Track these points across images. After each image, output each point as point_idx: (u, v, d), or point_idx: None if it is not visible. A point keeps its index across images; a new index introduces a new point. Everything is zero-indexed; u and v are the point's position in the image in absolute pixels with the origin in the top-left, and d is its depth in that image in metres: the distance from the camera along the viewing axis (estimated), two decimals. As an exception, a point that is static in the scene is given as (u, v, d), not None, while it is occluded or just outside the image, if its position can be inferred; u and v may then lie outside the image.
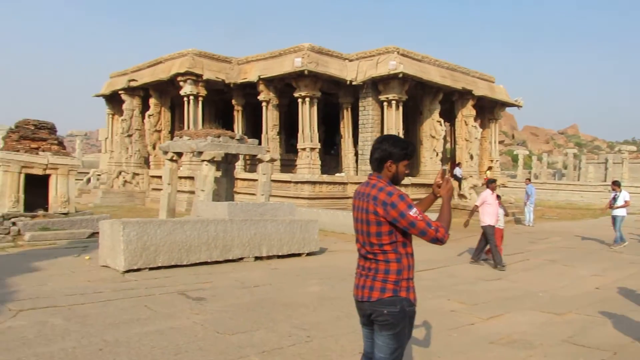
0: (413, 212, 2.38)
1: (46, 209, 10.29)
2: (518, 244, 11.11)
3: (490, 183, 8.82)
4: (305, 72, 16.95)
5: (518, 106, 22.57)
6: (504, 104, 22.02)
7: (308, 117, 18.01)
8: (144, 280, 6.24)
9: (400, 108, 17.47)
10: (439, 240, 2.40)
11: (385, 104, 17.58)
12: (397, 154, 2.53)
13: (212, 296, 5.57)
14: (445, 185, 2.59)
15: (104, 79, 24.92)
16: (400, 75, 16.30)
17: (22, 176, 9.91)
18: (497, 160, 22.60)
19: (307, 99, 17.96)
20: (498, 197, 8.91)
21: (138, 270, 6.67)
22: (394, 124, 17.28)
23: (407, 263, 2.49)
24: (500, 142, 38.20)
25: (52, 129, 11.09)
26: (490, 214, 8.46)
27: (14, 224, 9.45)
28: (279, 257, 8.49)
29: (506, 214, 9.67)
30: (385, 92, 17.39)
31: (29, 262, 7.22)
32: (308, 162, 17.79)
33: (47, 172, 10.25)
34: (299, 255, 8.80)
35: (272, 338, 4.20)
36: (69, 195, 10.53)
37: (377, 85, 17.59)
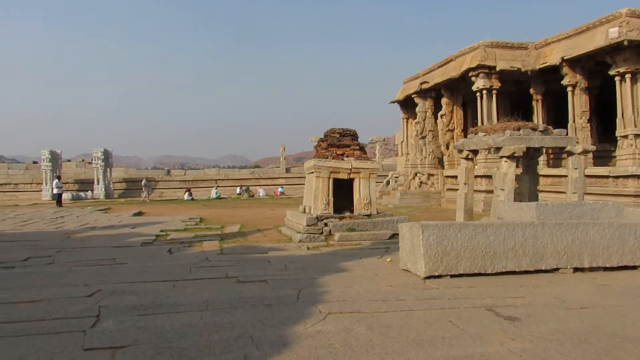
0: None
1: (351, 211, 10.96)
2: None
3: None
4: (625, 42, 13.96)
5: None
6: None
7: (629, 97, 14.80)
8: (445, 289, 5.73)
9: None
10: None
11: None
12: None
13: (527, 316, 4.63)
14: None
15: (398, 85, 26.14)
16: None
17: (331, 181, 10.78)
18: None
19: (628, 76, 14.77)
20: None
21: (439, 277, 6.22)
22: None
23: None
24: None
25: (354, 136, 11.82)
26: None
27: (325, 224, 10.33)
28: (605, 269, 6.86)
29: None
30: None
31: (338, 262, 7.61)
32: (632, 152, 14.61)
33: (351, 176, 10.91)
34: (633, 268, 6.96)
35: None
36: (371, 198, 10.98)
37: None
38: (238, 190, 31.29)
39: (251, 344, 3.87)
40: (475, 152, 12.06)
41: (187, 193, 28.88)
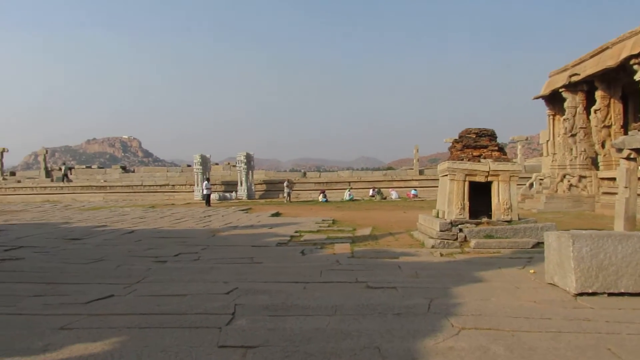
0: None
1: (489, 216, 10.25)
2: None
3: None
4: None
5: None
6: None
7: None
8: (602, 309, 5.01)
9: None
10: None
11: None
12: None
13: None
14: None
15: (542, 79, 24.06)
16: None
17: (466, 184, 10.19)
18: None
19: None
20: None
21: (593, 294, 5.47)
22: None
23: None
24: None
25: (492, 136, 11.06)
26: None
27: (460, 230, 9.78)
28: None
29: None
30: None
31: (474, 271, 7.12)
32: None
33: (489, 179, 10.20)
34: None
35: None
36: (511, 202, 10.17)
37: None
38: (371, 192, 31.36)
39: (377, 356, 3.71)
40: (638, 151, 10.54)
41: (321, 195, 29.69)
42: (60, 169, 38.72)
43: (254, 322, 4.58)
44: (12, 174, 40.60)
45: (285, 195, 29.46)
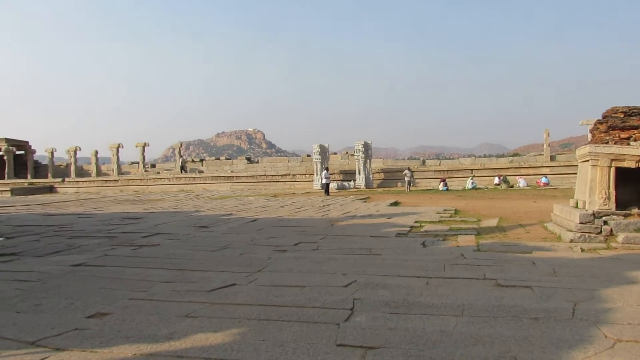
0: None
1: (641, 207, 8.91)
2: None
3: None
4: None
5: None
6: None
7: None
8: None
9: None
10: None
11: None
12: None
13: None
14: None
15: None
16: None
17: (612, 170, 8.96)
18: None
19: None
20: None
21: None
22: None
23: None
24: None
25: (644, 114, 9.59)
26: None
27: (605, 222, 8.64)
28: None
29: None
30: None
31: (625, 271, 6.18)
32: None
33: (641, 164, 8.85)
34: None
35: None
36: (670, 191, 8.73)
37: None
38: (496, 180, 29.48)
39: (515, 368, 3.26)
40: None
41: (442, 183, 28.57)
42: (187, 161, 41.86)
43: (373, 320, 4.34)
44: (153, 166, 44.83)
45: (405, 184, 28.84)
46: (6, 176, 41.56)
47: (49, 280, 6.51)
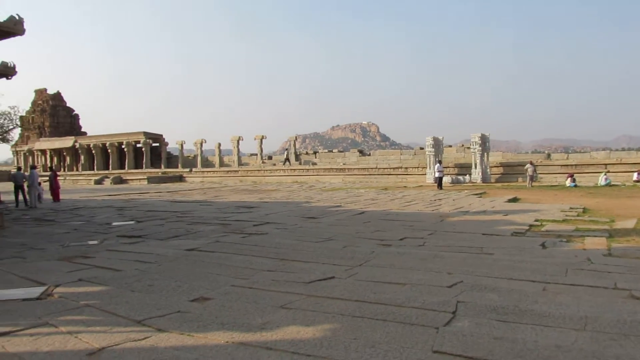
0: None
1: None
2: None
3: None
4: None
5: None
6: None
7: None
8: None
9: None
10: None
11: None
12: None
13: None
14: None
15: None
16: None
17: None
18: None
19: None
20: None
21: None
22: None
23: None
24: None
25: None
26: None
27: None
28: None
29: None
30: None
31: None
32: None
33: None
34: None
35: None
36: None
37: None
38: (635, 176, 26.25)
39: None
40: None
41: (569, 179, 26.10)
42: (292, 153, 42.85)
43: (477, 327, 3.94)
44: (269, 158, 46.73)
45: (527, 179, 26.81)
46: (144, 166, 46.13)
47: (164, 263, 6.94)
